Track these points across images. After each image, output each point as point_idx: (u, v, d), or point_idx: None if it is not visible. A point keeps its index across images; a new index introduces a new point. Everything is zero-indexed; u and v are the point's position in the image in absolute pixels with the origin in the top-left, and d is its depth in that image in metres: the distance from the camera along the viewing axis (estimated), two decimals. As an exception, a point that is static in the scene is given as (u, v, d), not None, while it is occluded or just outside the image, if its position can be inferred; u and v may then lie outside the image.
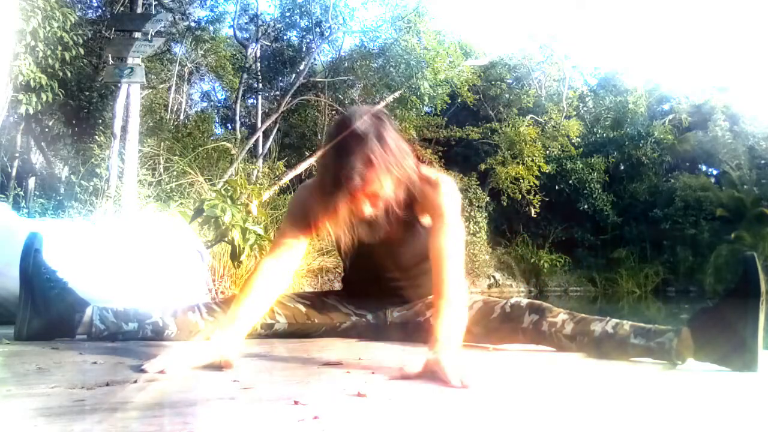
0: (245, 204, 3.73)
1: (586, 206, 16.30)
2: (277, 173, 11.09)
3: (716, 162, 18.29)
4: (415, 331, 1.64)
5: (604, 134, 17.99)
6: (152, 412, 0.79)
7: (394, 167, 1.34)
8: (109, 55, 6.72)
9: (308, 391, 0.96)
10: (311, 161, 12.02)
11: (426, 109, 14.22)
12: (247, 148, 11.14)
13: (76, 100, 9.30)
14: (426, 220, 1.54)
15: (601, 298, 13.91)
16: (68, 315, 1.53)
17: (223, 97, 17.75)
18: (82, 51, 7.53)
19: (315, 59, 13.66)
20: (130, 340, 1.55)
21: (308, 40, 13.65)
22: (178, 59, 13.92)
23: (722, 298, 1.35)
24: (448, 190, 1.47)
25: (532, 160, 14.64)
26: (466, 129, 15.58)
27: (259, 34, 13.78)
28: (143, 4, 7.08)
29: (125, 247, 2.31)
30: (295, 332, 1.68)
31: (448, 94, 12.85)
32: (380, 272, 1.66)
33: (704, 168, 19.49)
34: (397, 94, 12.14)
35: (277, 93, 14.22)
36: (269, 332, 1.66)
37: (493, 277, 15.01)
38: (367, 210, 1.36)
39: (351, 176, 1.28)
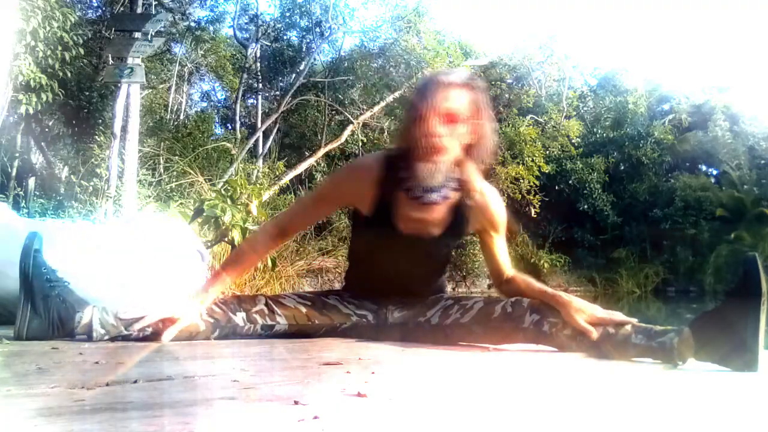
0: (245, 204, 3.73)
1: (586, 206, 16.30)
2: (277, 173, 11.09)
3: (716, 162, 18.31)
4: (416, 332, 1.65)
5: (604, 134, 18.00)
6: (152, 412, 0.79)
7: (482, 119, 1.49)
8: (109, 55, 6.72)
9: (308, 391, 0.95)
10: (311, 161, 12.02)
11: (426, 109, 14.19)
12: (247, 148, 11.14)
13: (76, 100, 9.29)
14: (475, 226, 1.66)
15: (601, 298, 13.90)
16: (68, 315, 1.53)
17: (223, 97, 17.77)
18: (82, 51, 7.52)
19: (315, 59, 13.66)
20: (130, 340, 1.55)
21: (308, 40, 13.66)
22: (178, 59, 13.93)
23: (724, 299, 1.35)
24: (503, 206, 1.67)
25: (532, 160, 14.62)
26: (466, 129, 15.56)
27: (259, 34, 13.78)
28: (143, 4, 7.08)
29: (125, 247, 2.31)
30: (296, 333, 1.67)
31: (448, 94, 12.82)
32: (398, 271, 1.67)
33: (704, 168, 19.52)
34: (397, 94, 12.13)
35: (277, 93, 14.22)
36: (269, 333, 1.66)
37: (493, 277, 15.00)
38: (441, 129, 1.45)
39: (443, 93, 1.46)
